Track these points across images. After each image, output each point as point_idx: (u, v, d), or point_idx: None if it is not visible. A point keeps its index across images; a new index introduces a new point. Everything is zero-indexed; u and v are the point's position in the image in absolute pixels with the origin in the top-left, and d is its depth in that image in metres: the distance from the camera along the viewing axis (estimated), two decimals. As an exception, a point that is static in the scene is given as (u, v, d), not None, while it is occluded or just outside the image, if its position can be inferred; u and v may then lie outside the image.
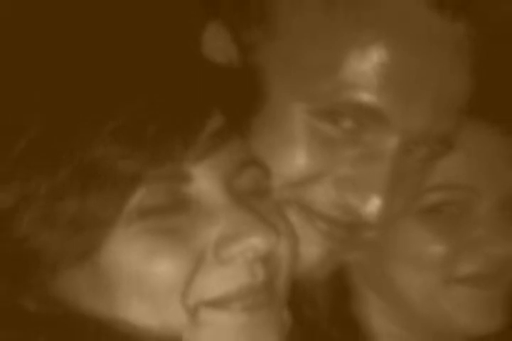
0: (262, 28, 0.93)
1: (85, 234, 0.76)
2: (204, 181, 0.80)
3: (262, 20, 0.93)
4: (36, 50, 0.83)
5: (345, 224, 0.95)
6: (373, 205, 0.91)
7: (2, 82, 0.80)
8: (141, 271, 0.77)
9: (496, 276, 1.06)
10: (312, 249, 0.95)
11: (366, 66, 0.89)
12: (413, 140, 0.93)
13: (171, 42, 0.86)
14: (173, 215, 0.79)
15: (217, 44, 0.96)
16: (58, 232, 0.76)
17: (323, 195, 0.94)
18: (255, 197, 0.84)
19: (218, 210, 0.80)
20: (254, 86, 0.90)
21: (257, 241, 0.79)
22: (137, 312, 0.78)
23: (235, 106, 0.84)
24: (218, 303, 0.79)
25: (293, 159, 0.92)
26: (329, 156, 0.93)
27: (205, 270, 0.79)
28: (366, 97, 0.89)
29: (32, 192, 0.77)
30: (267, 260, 0.81)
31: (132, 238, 0.77)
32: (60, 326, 0.77)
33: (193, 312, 0.78)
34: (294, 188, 0.93)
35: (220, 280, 0.79)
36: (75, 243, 0.76)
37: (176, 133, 0.77)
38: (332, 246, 0.97)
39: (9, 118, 0.78)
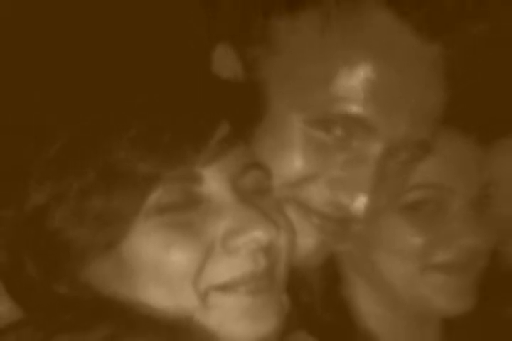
0: (263, 46, 0.97)
1: (110, 228, 0.81)
2: (213, 182, 0.84)
3: (263, 39, 0.96)
4: (70, 69, 0.87)
5: (336, 219, 0.99)
6: (360, 202, 0.95)
7: (40, 97, 0.85)
8: (158, 259, 0.81)
9: (466, 264, 1.11)
10: (308, 241, 0.99)
11: (355, 81, 0.92)
12: (395, 146, 0.96)
13: (184, 62, 0.90)
14: (187, 211, 0.83)
15: (224, 62, 0.99)
16: (86, 227, 0.81)
17: (317, 194, 0.97)
18: (258, 196, 0.88)
19: (226, 207, 0.84)
20: (256, 98, 0.94)
21: (259, 234, 0.83)
22: (155, 296, 0.82)
23: (240, 116, 0.88)
24: (225, 288, 0.83)
25: (291, 162, 0.96)
26: (322, 160, 0.96)
27: (214, 259, 0.83)
28: (354, 109, 0.93)
29: (63, 192, 0.81)
30: (268, 250, 0.85)
31: (150, 231, 0.81)
32: (87, 308, 0.82)
33: (203, 296, 0.83)
34: (292, 188, 0.97)
35: (227, 267, 0.83)
36: (100, 236, 0.81)
37: (188, 140, 0.81)
38: (325, 238, 1.01)
39: (44, 126, 0.83)
